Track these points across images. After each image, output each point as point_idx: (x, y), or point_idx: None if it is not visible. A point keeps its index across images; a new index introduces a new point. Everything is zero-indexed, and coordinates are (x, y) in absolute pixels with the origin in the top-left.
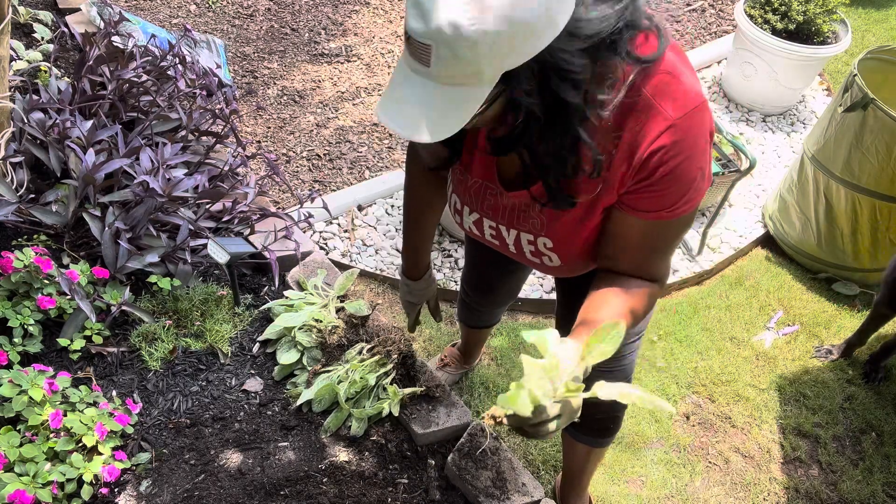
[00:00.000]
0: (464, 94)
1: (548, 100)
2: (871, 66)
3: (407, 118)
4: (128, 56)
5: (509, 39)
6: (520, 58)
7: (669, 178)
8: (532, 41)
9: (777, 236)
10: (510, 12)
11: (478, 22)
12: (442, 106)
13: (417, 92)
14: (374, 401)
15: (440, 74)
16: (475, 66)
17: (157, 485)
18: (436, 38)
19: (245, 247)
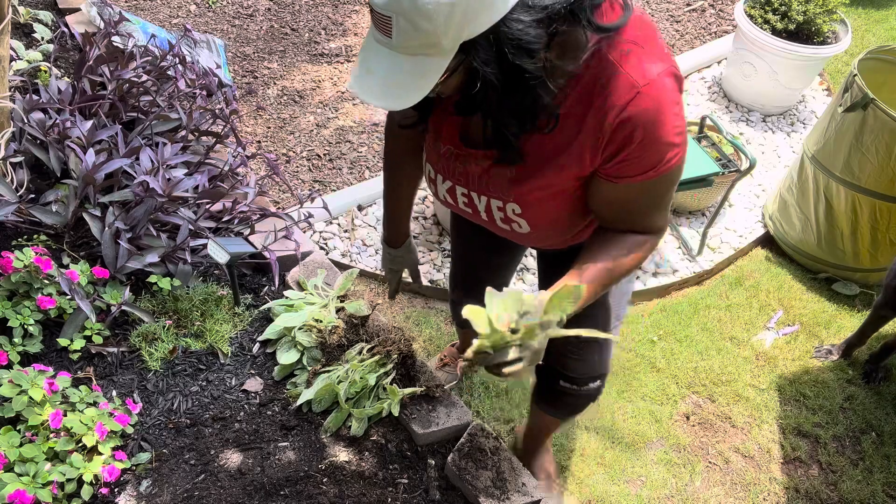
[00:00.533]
0: (425, 63)
1: (505, 68)
2: (871, 66)
3: (374, 87)
4: (128, 56)
5: (464, 11)
6: (476, 28)
7: (644, 143)
8: (487, 12)
9: (777, 236)
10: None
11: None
12: (406, 75)
13: (383, 62)
14: (374, 401)
15: (402, 45)
16: (434, 37)
17: (157, 485)
18: (395, 9)
19: (245, 247)
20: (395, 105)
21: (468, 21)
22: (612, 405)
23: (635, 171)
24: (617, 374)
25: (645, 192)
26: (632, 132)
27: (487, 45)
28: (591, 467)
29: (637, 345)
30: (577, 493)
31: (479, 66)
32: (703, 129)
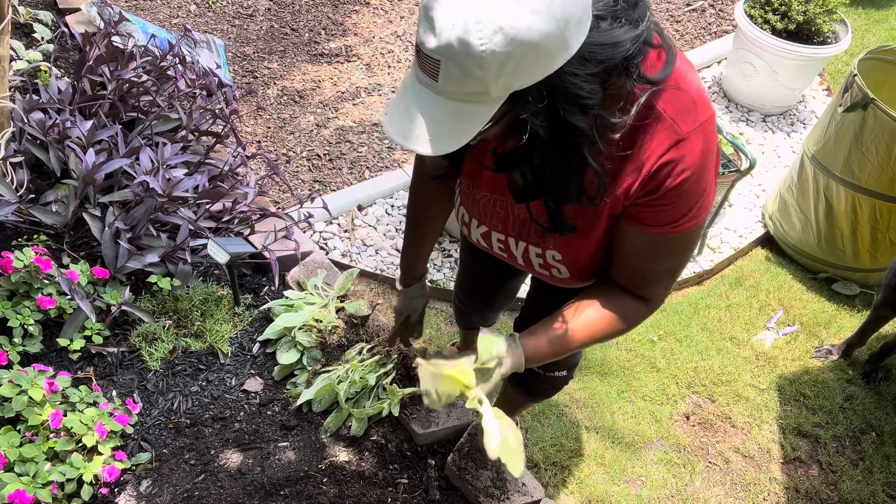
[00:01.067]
0: (470, 110)
1: (555, 122)
2: (871, 66)
3: (411, 129)
4: (128, 56)
5: (520, 60)
6: (529, 79)
7: (676, 193)
8: (543, 63)
9: (777, 236)
10: (523, 34)
11: (488, 41)
12: (447, 120)
13: (424, 104)
14: (374, 401)
15: (448, 89)
16: (483, 85)
17: (157, 485)
18: (445, 53)
19: (245, 247)
20: (433, 151)
21: (522, 71)
22: (612, 405)
23: (657, 221)
24: (617, 374)
25: (661, 248)
26: (667, 177)
27: (539, 97)
28: (591, 467)
29: (637, 345)
30: (577, 493)
31: (527, 119)
32: None
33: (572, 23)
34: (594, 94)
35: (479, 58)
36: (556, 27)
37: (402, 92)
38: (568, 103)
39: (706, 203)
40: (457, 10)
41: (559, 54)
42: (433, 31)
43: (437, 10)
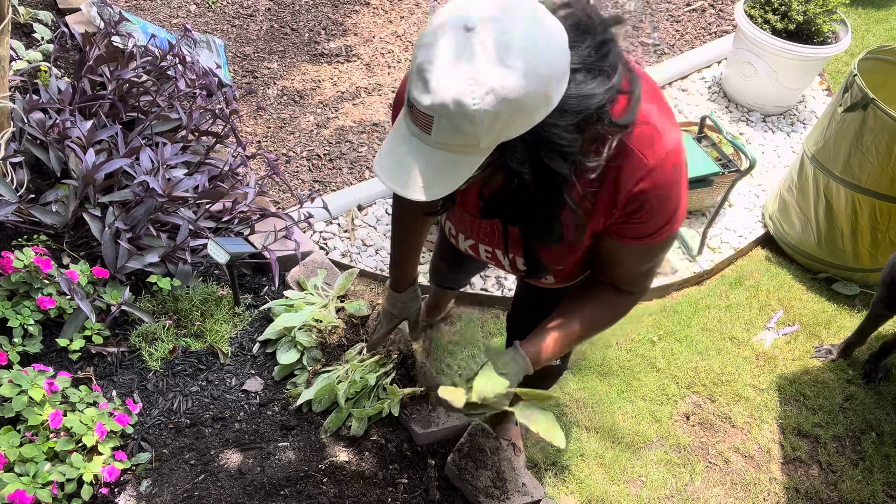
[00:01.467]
0: (460, 160)
1: (538, 169)
2: (871, 66)
3: (406, 178)
4: (128, 56)
5: (508, 117)
6: (516, 131)
7: (650, 213)
8: (528, 117)
9: (777, 236)
10: (512, 94)
11: (480, 102)
12: (438, 169)
13: (416, 154)
14: (374, 401)
15: (439, 142)
16: (473, 138)
17: (157, 485)
18: (439, 111)
19: (245, 247)
20: (426, 197)
21: (509, 125)
22: (612, 405)
23: (636, 234)
24: (617, 374)
25: (642, 255)
26: (642, 204)
27: (524, 146)
28: (591, 467)
29: (637, 345)
30: (577, 493)
31: (514, 166)
32: (703, 129)
33: (554, 80)
34: (574, 143)
35: (472, 116)
36: (541, 85)
37: (394, 141)
38: (550, 151)
39: (680, 213)
40: (451, 72)
41: (543, 109)
42: (427, 90)
43: (432, 71)
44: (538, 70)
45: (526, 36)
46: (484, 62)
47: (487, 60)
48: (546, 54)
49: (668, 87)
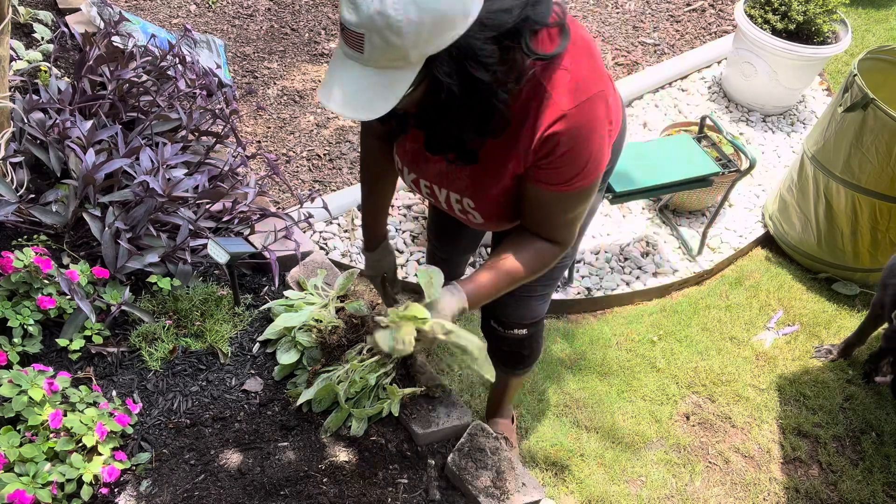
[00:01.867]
0: (394, 76)
1: (464, 79)
2: (871, 66)
3: (345, 99)
4: (128, 56)
5: (431, 27)
6: (440, 44)
7: (564, 158)
8: (450, 30)
9: (777, 236)
10: (432, 3)
11: (403, 12)
12: (375, 87)
13: (354, 76)
14: (374, 401)
15: (372, 59)
16: (402, 51)
17: (157, 485)
18: (367, 26)
19: (245, 247)
20: (367, 115)
21: (433, 37)
22: (612, 405)
23: (552, 180)
24: (617, 374)
25: (559, 202)
26: (555, 146)
27: (450, 59)
28: (591, 467)
29: (637, 345)
30: (577, 493)
31: (442, 78)
32: (703, 129)
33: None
34: (493, 54)
35: (397, 27)
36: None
37: (332, 67)
38: (474, 62)
39: (594, 167)
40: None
41: (462, 21)
42: (355, 8)
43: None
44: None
45: None
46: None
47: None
48: None
49: (668, 87)
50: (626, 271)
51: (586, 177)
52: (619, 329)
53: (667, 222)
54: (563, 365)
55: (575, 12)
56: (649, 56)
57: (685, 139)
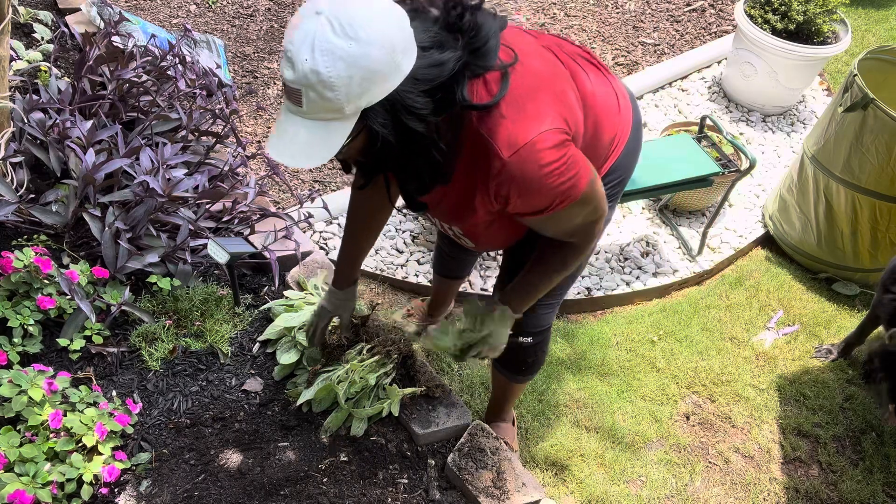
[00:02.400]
0: (332, 128)
1: (400, 130)
2: (871, 66)
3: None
4: (128, 56)
5: (361, 82)
6: (373, 97)
7: (524, 199)
8: (381, 83)
9: (777, 236)
10: (360, 61)
11: (333, 68)
12: (316, 138)
13: (296, 128)
14: (374, 401)
15: (311, 112)
16: (337, 105)
17: (157, 485)
18: (303, 83)
19: (245, 247)
20: (309, 164)
21: (364, 91)
22: (612, 405)
23: (530, 211)
24: (617, 374)
25: (554, 221)
26: (509, 193)
27: (384, 111)
28: (591, 467)
29: (637, 345)
30: (577, 493)
31: (377, 128)
32: (703, 129)
33: (398, 49)
34: (427, 106)
35: (329, 82)
36: (384, 53)
37: (279, 120)
38: (408, 113)
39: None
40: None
41: (393, 75)
42: (291, 66)
43: (293, 50)
44: (379, 40)
45: (366, 14)
46: (331, 37)
47: (334, 35)
48: (385, 27)
49: (668, 87)
50: (626, 271)
51: (564, 200)
52: (619, 329)
53: (667, 222)
54: (563, 365)
55: (575, 12)
56: (649, 56)
57: (685, 139)
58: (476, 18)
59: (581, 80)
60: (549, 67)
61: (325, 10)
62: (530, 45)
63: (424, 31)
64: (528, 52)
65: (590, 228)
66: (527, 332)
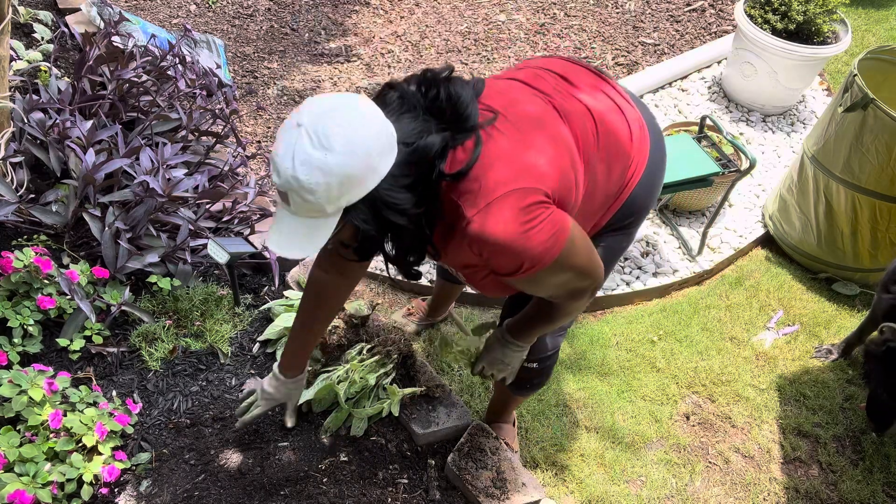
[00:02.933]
0: (318, 224)
1: (381, 224)
2: (871, 66)
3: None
4: (128, 56)
5: (338, 187)
6: (352, 198)
7: (494, 259)
8: (358, 186)
9: (777, 236)
10: (335, 169)
11: (311, 177)
12: (303, 232)
13: (287, 222)
14: (374, 401)
15: (298, 211)
16: (319, 206)
17: (157, 485)
18: (287, 187)
19: (245, 247)
20: (299, 255)
21: (343, 194)
22: (612, 405)
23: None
24: (617, 374)
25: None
26: (481, 251)
27: (365, 207)
28: (591, 467)
29: (637, 345)
30: (577, 493)
31: (359, 225)
32: (703, 129)
33: (374, 154)
34: (408, 200)
35: (309, 188)
36: (361, 160)
37: (274, 215)
38: (388, 209)
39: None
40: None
41: (371, 177)
42: (277, 172)
43: (277, 160)
44: (353, 149)
45: (343, 125)
46: (309, 148)
47: (311, 146)
48: (360, 136)
49: (668, 87)
50: (626, 271)
51: (534, 265)
52: (619, 329)
53: (667, 222)
54: (563, 365)
55: (575, 12)
56: (649, 56)
57: (685, 139)
58: (451, 90)
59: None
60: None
61: (305, 122)
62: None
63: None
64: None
65: (579, 295)
66: (532, 359)
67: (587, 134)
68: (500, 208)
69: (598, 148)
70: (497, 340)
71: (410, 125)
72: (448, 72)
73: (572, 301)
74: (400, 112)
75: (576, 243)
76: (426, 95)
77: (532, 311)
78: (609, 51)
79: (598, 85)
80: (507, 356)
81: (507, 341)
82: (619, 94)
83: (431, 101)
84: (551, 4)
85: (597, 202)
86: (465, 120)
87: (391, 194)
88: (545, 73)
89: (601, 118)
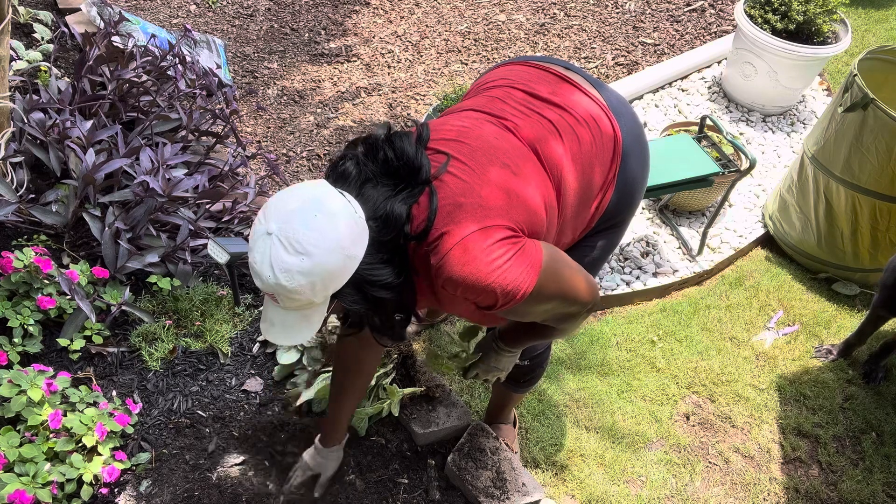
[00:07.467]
0: (308, 313)
1: (369, 300)
2: (871, 66)
3: (277, 331)
4: (128, 56)
5: (322, 282)
6: (337, 286)
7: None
8: (340, 276)
9: (777, 236)
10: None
11: (293, 281)
12: (296, 322)
13: (279, 314)
14: (375, 401)
15: (288, 307)
16: (306, 300)
17: (157, 485)
18: (271, 291)
19: (245, 247)
20: (295, 342)
21: (327, 287)
22: (612, 405)
23: (484, 307)
24: (617, 374)
25: (518, 314)
26: (455, 291)
27: (352, 289)
28: (591, 467)
29: (637, 345)
30: (577, 493)
31: (348, 306)
32: (703, 129)
33: (348, 245)
34: (389, 274)
35: (293, 291)
36: (337, 255)
37: (267, 310)
38: (373, 286)
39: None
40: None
41: (350, 265)
42: (260, 280)
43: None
44: (330, 247)
45: (313, 227)
46: (285, 256)
47: (286, 254)
48: (330, 233)
49: (668, 87)
50: (626, 271)
51: (508, 301)
52: (618, 329)
53: (667, 222)
54: (563, 365)
55: (575, 12)
56: (649, 56)
57: (685, 139)
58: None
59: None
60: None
61: (274, 230)
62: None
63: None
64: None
65: (570, 319)
66: (523, 357)
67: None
68: (464, 250)
69: (572, 155)
70: (491, 349)
71: (373, 196)
72: (386, 130)
73: (563, 323)
74: (360, 184)
75: (554, 273)
76: (376, 160)
77: (524, 326)
78: (609, 51)
79: (560, 87)
80: (500, 363)
81: (500, 349)
82: (582, 91)
83: (383, 163)
84: (551, 4)
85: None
86: (417, 173)
87: (373, 273)
88: (503, 91)
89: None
